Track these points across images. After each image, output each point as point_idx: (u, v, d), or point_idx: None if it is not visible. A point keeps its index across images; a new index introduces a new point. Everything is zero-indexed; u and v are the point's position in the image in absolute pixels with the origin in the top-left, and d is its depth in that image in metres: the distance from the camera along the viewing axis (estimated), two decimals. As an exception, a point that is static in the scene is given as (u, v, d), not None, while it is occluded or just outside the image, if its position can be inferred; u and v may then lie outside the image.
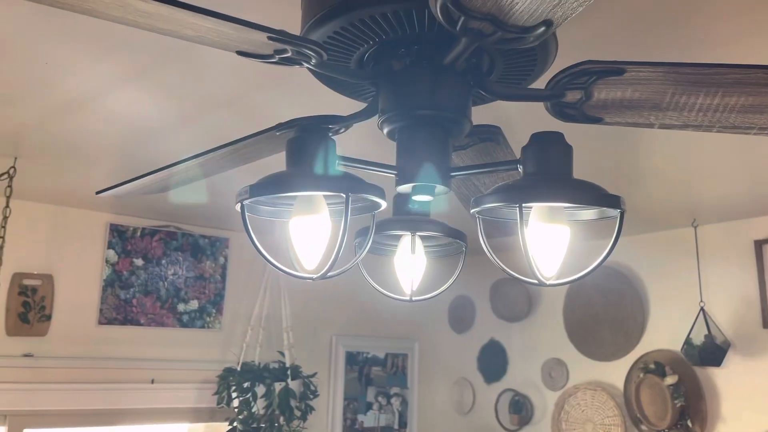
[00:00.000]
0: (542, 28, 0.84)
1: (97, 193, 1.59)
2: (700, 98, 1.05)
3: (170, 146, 2.44)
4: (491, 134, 1.27)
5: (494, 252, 1.06)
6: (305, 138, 0.95)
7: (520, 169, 0.98)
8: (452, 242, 1.31)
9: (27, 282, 3.39)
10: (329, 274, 0.91)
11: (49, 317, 3.42)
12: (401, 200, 1.24)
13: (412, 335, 4.68)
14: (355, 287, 4.35)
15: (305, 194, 0.94)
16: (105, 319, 3.57)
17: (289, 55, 0.94)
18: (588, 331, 3.88)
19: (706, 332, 3.27)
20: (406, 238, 1.24)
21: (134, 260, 3.70)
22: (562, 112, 1.10)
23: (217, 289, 3.92)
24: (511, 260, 1.08)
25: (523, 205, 0.90)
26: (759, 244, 3.27)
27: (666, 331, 3.52)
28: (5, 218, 2.77)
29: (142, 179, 1.46)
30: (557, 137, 0.96)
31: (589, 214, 1.02)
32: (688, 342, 3.31)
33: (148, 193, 1.63)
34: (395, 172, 1.04)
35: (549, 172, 0.93)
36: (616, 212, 0.94)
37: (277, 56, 0.96)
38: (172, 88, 1.96)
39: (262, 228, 1.10)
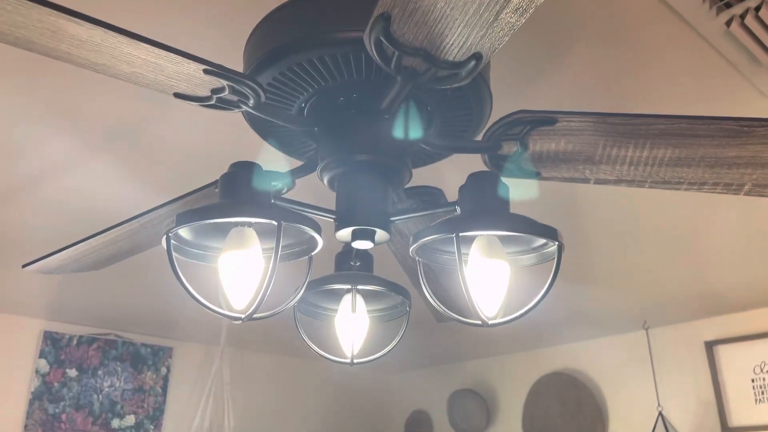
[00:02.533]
0: (473, 62, 0.86)
1: (24, 266, 1.51)
2: (630, 150, 1.09)
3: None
4: (433, 196, 1.27)
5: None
6: (237, 171, 0.93)
7: (458, 209, 0.97)
8: (396, 305, 1.26)
9: (-55, 395, 3.12)
10: (256, 315, 0.86)
11: (-34, 434, 3.12)
12: (342, 258, 1.21)
13: (367, 454, 4.41)
14: (305, 401, 4.16)
15: (235, 227, 0.91)
16: (29, 437, 3.26)
17: (226, 94, 0.94)
18: (548, 442, 3.73)
19: (667, 438, 3.17)
20: (347, 298, 1.19)
21: (67, 371, 3.46)
22: (500, 165, 1.11)
23: (156, 402, 3.67)
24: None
25: (463, 239, 0.88)
26: (710, 346, 3.28)
27: (627, 439, 3.41)
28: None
29: (73, 248, 1.40)
30: (493, 175, 0.97)
31: (529, 259, 1.01)
32: (649, 449, 3.20)
33: (82, 267, 1.55)
34: (334, 217, 1.02)
35: (486, 207, 0.93)
36: (553, 250, 0.93)
37: (214, 96, 0.96)
38: (117, 173, 1.94)
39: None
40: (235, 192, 0.91)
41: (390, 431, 4.59)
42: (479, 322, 0.89)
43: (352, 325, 1.16)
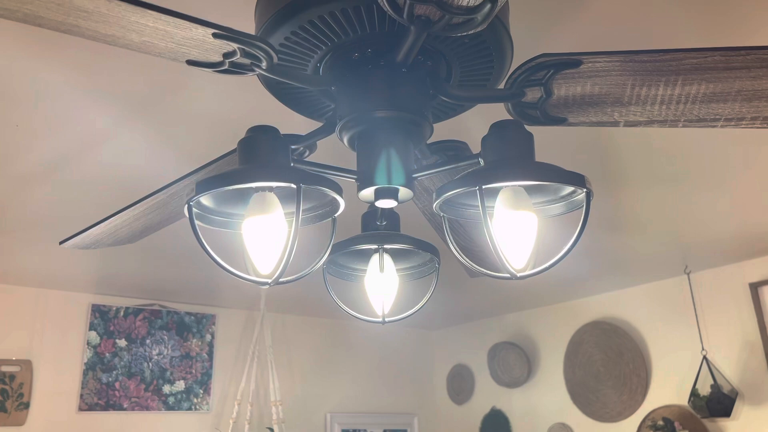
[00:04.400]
0: (487, 6, 0.83)
1: (61, 242, 1.54)
2: (661, 89, 1.04)
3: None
4: (458, 150, 1.25)
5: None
6: (254, 136, 0.92)
7: (481, 161, 0.95)
8: (425, 263, 1.25)
9: (5, 368, 3.26)
10: (282, 279, 0.86)
11: (27, 405, 3.27)
12: (368, 218, 1.20)
13: (411, 409, 4.49)
14: (349, 361, 4.23)
15: (257, 192, 0.90)
16: (86, 405, 3.41)
17: (238, 57, 0.93)
18: (591, 391, 3.74)
19: (712, 382, 3.14)
20: (375, 258, 1.18)
21: (117, 341, 3.58)
22: (525, 113, 1.08)
23: (204, 368, 3.78)
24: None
25: (488, 192, 0.86)
26: (754, 287, 3.20)
27: (671, 385, 3.38)
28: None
29: (106, 222, 1.42)
30: (516, 124, 0.94)
31: (557, 208, 0.98)
32: (694, 394, 3.18)
33: (117, 241, 1.58)
34: (355, 177, 1.01)
35: (509, 157, 0.90)
36: (582, 197, 0.90)
37: (226, 61, 0.94)
38: (148, 145, 1.96)
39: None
40: (253, 157, 0.91)
41: (432, 386, 4.65)
42: (508, 276, 0.87)
43: (381, 284, 1.16)
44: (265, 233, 0.89)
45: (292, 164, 0.95)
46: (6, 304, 3.31)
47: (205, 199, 0.92)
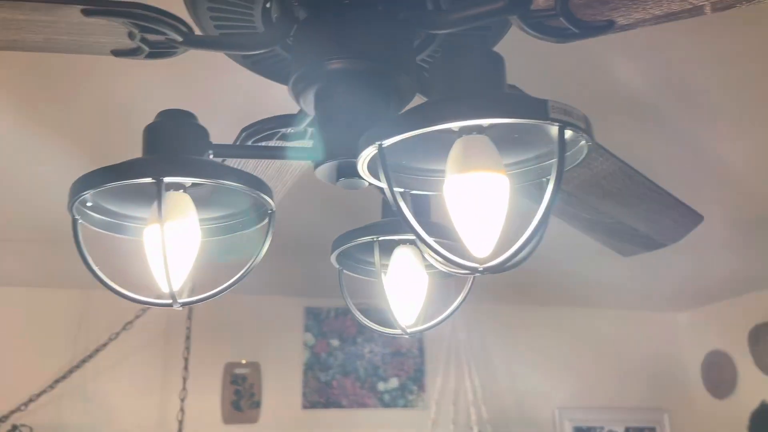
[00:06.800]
0: None
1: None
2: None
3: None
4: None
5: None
6: (157, 124, 0.75)
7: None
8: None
9: (237, 371, 3.58)
10: (183, 300, 0.67)
11: (258, 404, 3.55)
12: (386, 202, 0.95)
13: (660, 404, 3.89)
14: (578, 351, 3.81)
15: (166, 192, 0.72)
16: (309, 403, 3.59)
17: (145, 35, 0.77)
18: None
19: None
20: (400, 250, 0.93)
21: (330, 341, 3.71)
22: (544, 26, 0.74)
23: (416, 364, 3.73)
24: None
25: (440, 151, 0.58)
26: None
27: None
28: (190, 310, 2.98)
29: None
30: (460, 47, 0.62)
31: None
32: None
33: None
34: (304, 154, 0.78)
35: (446, 97, 0.59)
36: (554, 132, 0.55)
37: (139, 44, 0.79)
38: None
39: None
40: (146, 149, 0.74)
41: (684, 377, 3.98)
42: (466, 271, 0.57)
43: (396, 285, 0.90)
44: (170, 242, 0.71)
45: (210, 152, 0.76)
46: (234, 312, 3.64)
47: (105, 200, 0.76)
